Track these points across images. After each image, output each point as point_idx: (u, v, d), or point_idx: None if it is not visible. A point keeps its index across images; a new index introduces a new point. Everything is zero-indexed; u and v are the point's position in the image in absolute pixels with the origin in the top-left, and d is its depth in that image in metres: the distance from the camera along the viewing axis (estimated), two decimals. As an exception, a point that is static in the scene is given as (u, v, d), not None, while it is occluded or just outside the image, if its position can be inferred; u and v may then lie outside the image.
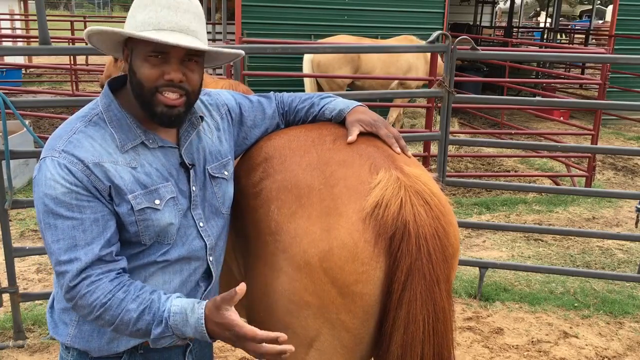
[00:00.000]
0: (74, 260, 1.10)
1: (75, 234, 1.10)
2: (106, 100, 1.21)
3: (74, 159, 1.12)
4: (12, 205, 2.62)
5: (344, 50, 5.26)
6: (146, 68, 1.15)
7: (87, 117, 1.19)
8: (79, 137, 1.15)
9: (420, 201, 1.20)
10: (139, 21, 1.15)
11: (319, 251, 1.19)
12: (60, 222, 1.10)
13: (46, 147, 1.15)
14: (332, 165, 1.27)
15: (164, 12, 1.14)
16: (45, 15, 2.64)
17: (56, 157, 1.12)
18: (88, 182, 1.12)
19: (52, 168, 1.11)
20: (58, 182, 1.10)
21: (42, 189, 1.11)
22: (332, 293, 1.19)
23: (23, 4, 13.04)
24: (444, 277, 1.20)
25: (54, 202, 1.10)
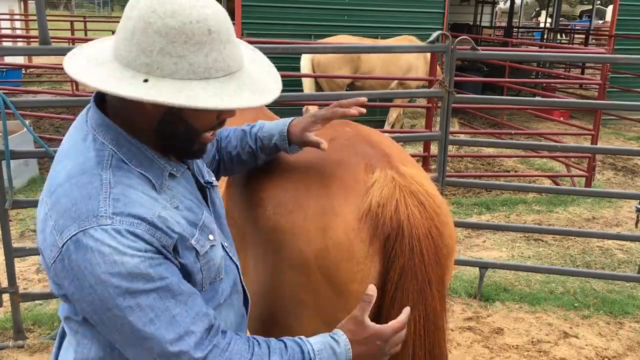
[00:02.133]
0: (184, 335, 0.87)
1: (168, 305, 0.86)
2: (111, 135, 0.92)
3: (133, 220, 0.86)
4: (12, 205, 2.62)
5: (344, 51, 5.26)
6: (205, 116, 0.92)
7: (104, 162, 0.89)
8: (120, 190, 0.87)
9: (414, 201, 1.21)
10: (199, 66, 0.85)
11: (315, 250, 1.19)
12: (144, 300, 0.84)
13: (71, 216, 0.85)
14: (328, 164, 1.27)
15: (228, 48, 0.88)
16: (45, 15, 2.64)
17: (107, 224, 0.84)
18: (158, 244, 0.87)
19: (109, 239, 0.83)
20: (126, 254, 0.84)
21: (102, 270, 0.83)
22: (328, 292, 1.20)
23: (23, 4, 13.05)
24: (436, 278, 1.20)
25: (127, 279, 0.83)
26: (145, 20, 0.84)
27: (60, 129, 6.92)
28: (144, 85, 0.84)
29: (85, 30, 13.27)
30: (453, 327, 2.97)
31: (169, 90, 0.84)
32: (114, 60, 0.87)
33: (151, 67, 0.85)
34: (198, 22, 0.85)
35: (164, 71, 0.85)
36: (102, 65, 0.87)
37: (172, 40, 0.84)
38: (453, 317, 3.08)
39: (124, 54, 0.86)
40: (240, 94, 0.88)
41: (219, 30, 0.87)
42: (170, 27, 0.84)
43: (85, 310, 0.87)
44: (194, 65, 0.85)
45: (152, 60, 0.84)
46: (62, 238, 0.85)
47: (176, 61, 0.84)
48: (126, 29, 0.86)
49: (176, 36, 0.84)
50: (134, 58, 0.85)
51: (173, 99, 0.83)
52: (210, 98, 0.85)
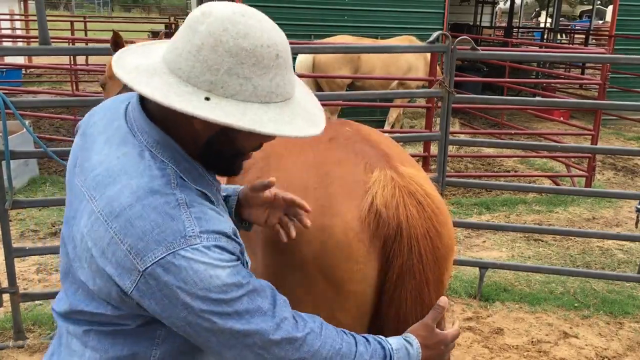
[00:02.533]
0: (280, 323, 0.90)
1: (258, 303, 0.89)
2: (170, 152, 0.91)
3: (216, 235, 0.87)
4: (12, 206, 2.62)
5: (344, 51, 5.26)
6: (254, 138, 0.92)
7: (171, 181, 0.88)
8: (198, 208, 0.88)
9: (413, 201, 1.21)
10: (263, 89, 0.85)
11: (314, 250, 1.20)
12: (239, 305, 0.87)
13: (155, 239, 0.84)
14: (327, 164, 1.28)
15: (289, 74, 0.89)
16: (45, 16, 2.65)
17: (196, 243, 0.84)
18: (237, 252, 0.91)
19: (202, 256, 0.84)
20: (218, 266, 0.85)
21: (199, 287, 0.84)
22: (327, 291, 1.21)
23: (23, 4, 13.05)
24: (434, 278, 1.21)
25: (223, 291, 0.85)
26: (217, 37, 0.83)
27: (60, 129, 6.93)
28: (206, 103, 0.82)
29: (85, 31, 13.26)
30: (453, 327, 2.97)
31: (233, 111, 0.83)
32: (170, 73, 0.85)
33: (215, 85, 0.84)
34: (268, 46, 0.85)
35: (227, 91, 0.84)
36: (155, 76, 0.85)
37: (242, 62, 0.83)
38: (453, 317, 3.08)
39: (184, 68, 0.84)
40: (294, 122, 0.88)
41: (285, 56, 0.88)
42: (241, 48, 0.83)
43: (176, 325, 0.88)
44: (258, 89, 0.85)
45: (217, 78, 0.83)
46: (144, 262, 0.84)
47: (242, 82, 0.84)
48: (191, 43, 0.84)
49: (246, 58, 0.84)
50: (198, 74, 0.84)
51: (239, 122, 0.82)
52: (270, 123, 0.85)
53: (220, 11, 0.85)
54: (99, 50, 3.20)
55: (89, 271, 0.90)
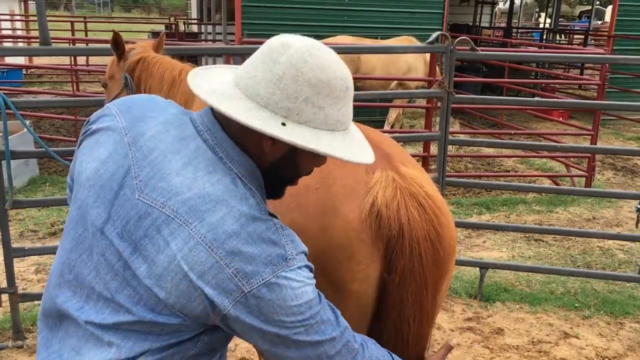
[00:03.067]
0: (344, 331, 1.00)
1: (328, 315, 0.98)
2: (256, 182, 0.98)
3: (303, 256, 0.97)
4: (12, 206, 2.61)
5: (344, 51, 5.26)
6: (313, 162, 1.00)
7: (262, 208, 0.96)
8: (289, 232, 0.97)
9: (414, 203, 1.21)
10: (332, 118, 0.93)
11: (315, 250, 1.19)
12: (317, 317, 0.96)
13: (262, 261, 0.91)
14: (329, 164, 1.27)
15: (351, 105, 0.97)
16: (45, 16, 2.65)
17: (295, 264, 0.93)
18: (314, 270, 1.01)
19: (297, 276, 0.93)
20: (307, 284, 0.95)
21: (294, 303, 0.93)
22: (329, 292, 1.20)
23: (23, 4, 13.05)
24: (432, 281, 1.22)
25: (309, 306, 0.95)
26: (298, 68, 0.90)
27: (61, 129, 6.93)
28: (283, 128, 0.89)
29: (85, 31, 13.27)
30: (453, 327, 2.97)
31: (309, 136, 0.90)
32: (247, 99, 0.92)
33: (291, 112, 0.91)
34: (341, 79, 0.94)
35: (302, 118, 0.91)
36: (233, 101, 0.91)
37: (319, 92, 0.91)
38: (453, 317, 3.08)
39: (264, 95, 0.91)
40: (353, 149, 0.96)
41: (352, 89, 0.97)
42: (319, 79, 0.91)
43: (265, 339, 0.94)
44: (328, 117, 0.93)
45: (295, 106, 0.90)
46: (250, 283, 0.90)
47: (316, 111, 0.91)
48: (272, 72, 0.90)
49: (323, 88, 0.91)
50: (276, 101, 0.90)
51: (317, 146, 0.90)
52: (341, 149, 0.93)
53: (299, 44, 0.93)
54: (100, 50, 3.20)
55: (172, 289, 0.92)
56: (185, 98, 2.11)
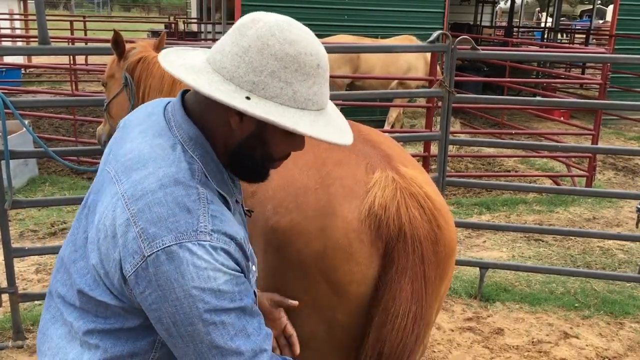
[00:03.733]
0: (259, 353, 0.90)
1: (245, 324, 0.89)
2: (201, 151, 0.93)
3: (226, 239, 0.88)
4: (12, 206, 2.61)
5: (343, 50, 5.26)
6: (285, 144, 0.95)
7: (196, 176, 0.91)
8: (216, 207, 0.89)
9: (414, 203, 1.21)
10: (301, 95, 0.89)
11: (314, 251, 1.19)
12: (227, 317, 0.87)
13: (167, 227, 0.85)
14: (328, 165, 1.27)
15: (325, 86, 0.93)
16: (44, 15, 2.64)
17: (206, 240, 0.86)
18: (242, 264, 0.91)
19: (205, 254, 0.85)
20: (219, 270, 0.86)
21: (195, 284, 0.84)
22: (328, 293, 1.20)
23: (22, 3, 13.04)
24: (432, 280, 1.22)
25: (216, 296, 0.85)
26: (264, 41, 0.87)
27: (60, 128, 6.92)
28: (246, 101, 0.86)
29: (84, 30, 13.25)
30: (453, 328, 2.97)
31: (272, 111, 0.86)
32: (214, 72, 0.89)
33: (257, 86, 0.87)
34: (311, 54, 0.90)
35: (268, 93, 0.87)
36: (200, 74, 0.89)
37: (285, 66, 0.87)
38: (453, 317, 3.08)
39: (229, 68, 0.88)
40: (328, 129, 0.91)
41: (325, 67, 0.92)
42: (286, 53, 0.88)
43: (162, 322, 0.87)
44: (297, 94, 0.89)
45: (260, 79, 0.87)
46: (151, 247, 0.85)
47: (282, 86, 0.88)
48: (238, 45, 0.88)
49: (290, 63, 0.88)
50: (241, 74, 0.88)
51: (279, 119, 0.85)
52: (308, 127, 0.88)
53: (269, 19, 0.90)
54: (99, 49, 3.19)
55: (98, 254, 0.91)
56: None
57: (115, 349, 0.93)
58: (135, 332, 0.94)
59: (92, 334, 0.94)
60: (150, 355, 0.95)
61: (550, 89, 8.67)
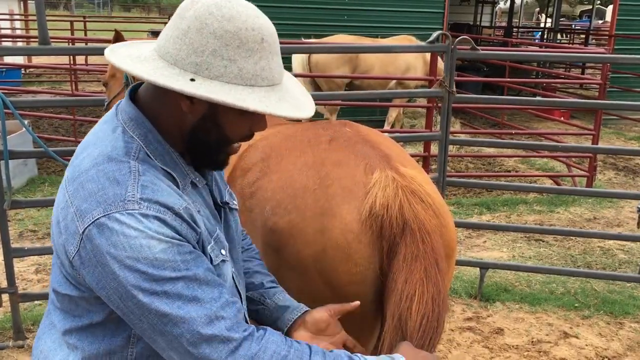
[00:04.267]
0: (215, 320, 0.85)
1: (196, 294, 0.85)
2: (141, 131, 0.92)
3: (160, 207, 0.85)
4: (11, 206, 2.61)
5: (343, 50, 5.25)
6: (241, 125, 0.92)
7: (132, 153, 0.89)
8: (149, 178, 0.87)
9: (417, 200, 1.20)
10: (248, 72, 0.86)
11: (313, 252, 1.19)
12: (171, 287, 0.83)
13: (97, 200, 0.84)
14: (327, 165, 1.27)
15: (275, 60, 0.90)
16: (44, 15, 2.64)
17: (134, 209, 0.83)
18: (185, 233, 0.87)
19: (136, 223, 0.83)
20: (152, 237, 0.83)
21: (127, 254, 0.82)
22: (327, 293, 1.20)
23: (23, 4, 13.04)
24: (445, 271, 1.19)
25: (153, 265, 0.82)
26: (202, 20, 0.85)
27: (60, 128, 6.92)
28: (190, 83, 0.84)
29: (85, 30, 13.25)
30: (453, 327, 2.96)
31: (217, 90, 0.84)
32: (159, 59, 0.88)
33: (200, 67, 0.85)
34: (253, 29, 0.87)
35: (212, 72, 0.86)
36: (146, 62, 0.88)
37: (226, 44, 0.85)
38: (453, 317, 3.08)
39: (172, 52, 0.87)
40: (282, 105, 0.88)
41: (271, 41, 0.89)
42: (225, 30, 0.85)
43: (110, 299, 0.86)
44: (243, 71, 0.86)
45: (202, 60, 0.85)
46: (83, 223, 0.84)
47: (226, 64, 0.86)
48: (178, 28, 0.87)
49: (230, 40, 0.85)
50: (184, 57, 0.86)
51: (223, 97, 0.83)
52: (256, 103, 0.85)
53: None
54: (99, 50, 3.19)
55: (55, 246, 0.92)
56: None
57: (92, 347, 0.93)
58: (108, 329, 0.92)
59: (70, 334, 0.94)
60: (127, 352, 0.93)
61: (550, 89, 8.66)
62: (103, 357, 0.93)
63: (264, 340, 0.88)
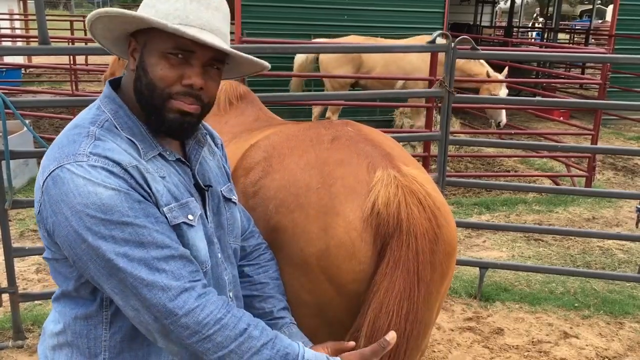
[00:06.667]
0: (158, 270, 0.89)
1: (141, 239, 0.89)
2: (112, 106, 1.01)
3: (108, 161, 0.92)
4: (12, 205, 2.61)
5: (343, 50, 5.26)
6: (163, 67, 0.97)
7: (97, 122, 0.98)
8: (102, 141, 0.94)
9: (414, 200, 1.21)
10: (162, 11, 0.96)
11: (316, 250, 1.19)
12: (119, 232, 0.88)
13: (54, 157, 0.92)
14: (330, 164, 1.27)
15: (194, 6, 0.97)
16: (44, 15, 2.64)
17: (83, 160, 0.91)
18: (135, 185, 0.92)
19: (84, 173, 0.89)
20: (99, 185, 0.89)
21: (77, 201, 0.88)
22: (330, 291, 1.20)
23: (22, 3, 13.03)
24: (427, 279, 1.19)
25: (101, 210, 0.88)
26: None
27: (60, 128, 6.89)
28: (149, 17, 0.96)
29: (84, 30, 13.24)
30: (453, 327, 2.97)
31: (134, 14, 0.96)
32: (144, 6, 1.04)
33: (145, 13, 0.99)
34: None
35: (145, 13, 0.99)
36: None
37: None
38: (453, 317, 3.08)
39: None
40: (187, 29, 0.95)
41: None
42: None
43: (64, 247, 0.92)
44: (159, 12, 0.98)
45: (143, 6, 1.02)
46: (43, 177, 0.93)
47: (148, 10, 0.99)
48: None
49: None
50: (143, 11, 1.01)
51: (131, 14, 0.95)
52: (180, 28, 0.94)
53: None
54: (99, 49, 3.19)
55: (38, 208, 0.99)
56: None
57: (72, 312, 1.00)
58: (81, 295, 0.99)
59: (57, 301, 1.05)
60: (102, 315, 0.99)
61: (549, 89, 8.67)
62: (81, 320, 1.00)
63: (204, 299, 0.91)
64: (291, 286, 1.23)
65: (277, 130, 1.49)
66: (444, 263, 1.25)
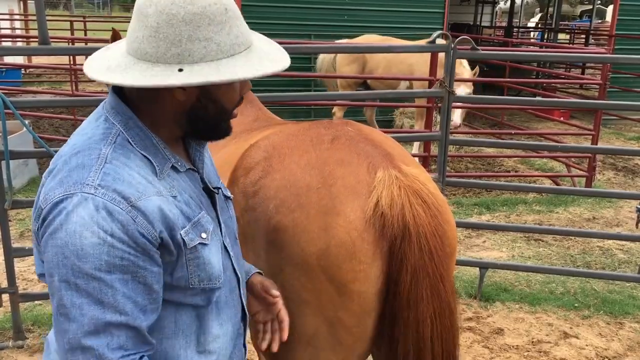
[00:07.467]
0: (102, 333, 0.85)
1: (103, 300, 0.85)
2: (122, 117, 0.95)
3: (115, 196, 0.86)
4: (12, 205, 2.61)
5: (343, 50, 5.26)
6: (232, 92, 0.97)
7: (108, 138, 0.92)
8: (114, 166, 0.89)
9: (418, 200, 1.21)
10: (225, 44, 0.89)
11: (317, 250, 1.19)
12: (83, 283, 0.84)
13: (62, 180, 0.88)
14: (330, 164, 1.28)
15: (242, 24, 0.93)
16: (44, 15, 2.64)
17: (90, 193, 0.86)
18: (134, 228, 0.87)
19: (81, 208, 0.85)
20: (89, 228, 0.84)
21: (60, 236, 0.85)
22: (330, 291, 1.21)
23: (22, 4, 13.04)
24: (446, 275, 1.21)
25: (77, 255, 0.84)
26: (168, 12, 0.87)
27: (60, 128, 6.92)
28: (181, 74, 0.87)
29: (84, 30, 13.24)
30: (453, 328, 2.97)
31: (207, 71, 0.88)
32: (140, 62, 0.89)
33: (182, 56, 0.88)
34: (215, 3, 0.89)
35: (195, 56, 0.88)
36: (129, 70, 0.89)
37: (198, 25, 0.88)
38: (453, 317, 3.08)
39: (150, 51, 0.89)
40: (263, 63, 0.93)
41: (232, 7, 0.92)
42: (193, 14, 0.88)
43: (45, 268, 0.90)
44: (221, 45, 0.89)
45: (182, 49, 0.88)
46: (46, 201, 0.89)
47: (205, 44, 0.88)
48: (147, 27, 0.88)
49: (200, 20, 0.88)
50: (164, 52, 0.88)
51: (216, 77, 0.87)
52: (245, 70, 0.89)
53: None
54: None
55: None
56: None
57: None
58: None
59: None
60: None
61: (550, 89, 8.66)
62: None
63: None
64: (292, 286, 1.23)
65: (277, 130, 1.49)
66: (449, 259, 1.26)
